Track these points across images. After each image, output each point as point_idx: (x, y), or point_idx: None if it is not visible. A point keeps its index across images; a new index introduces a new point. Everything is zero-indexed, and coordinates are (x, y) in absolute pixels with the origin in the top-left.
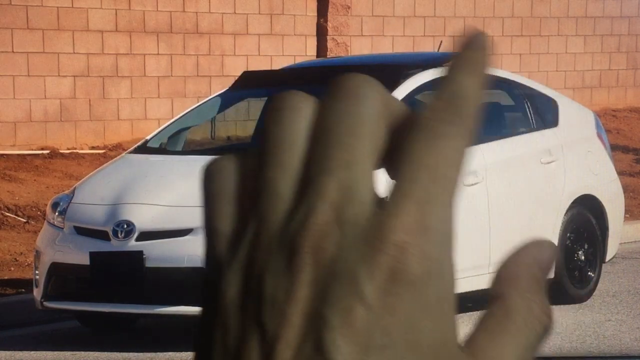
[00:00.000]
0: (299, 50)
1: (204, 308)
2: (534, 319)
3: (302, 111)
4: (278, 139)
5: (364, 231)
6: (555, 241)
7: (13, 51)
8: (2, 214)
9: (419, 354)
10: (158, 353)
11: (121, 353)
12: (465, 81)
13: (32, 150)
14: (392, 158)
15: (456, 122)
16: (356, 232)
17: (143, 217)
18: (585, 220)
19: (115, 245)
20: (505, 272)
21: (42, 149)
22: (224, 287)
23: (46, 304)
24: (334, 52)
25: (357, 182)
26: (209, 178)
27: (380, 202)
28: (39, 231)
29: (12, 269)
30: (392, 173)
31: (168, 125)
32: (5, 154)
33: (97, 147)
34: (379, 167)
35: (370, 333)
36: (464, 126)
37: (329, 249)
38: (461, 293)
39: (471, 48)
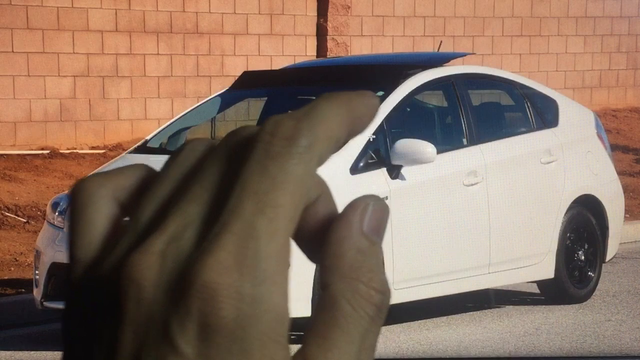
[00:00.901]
0: (299, 50)
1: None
2: (361, 301)
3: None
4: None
5: (181, 267)
6: (556, 241)
7: (13, 51)
8: (2, 214)
9: None
10: None
11: None
12: (325, 106)
13: (32, 150)
14: (308, 238)
15: (298, 142)
16: (174, 268)
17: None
18: (585, 220)
19: None
20: (327, 256)
21: (42, 149)
22: (72, 318)
23: (46, 304)
24: (334, 52)
25: (195, 217)
26: (75, 200)
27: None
28: (39, 231)
29: (12, 269)
30: (306, 252)
31: (168, 125)
32: (5, 154)
33: (97, 147)
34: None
35: None
36: (307, 148)
37: (148, 286)
38: (461, 293)
39: (353, 92)
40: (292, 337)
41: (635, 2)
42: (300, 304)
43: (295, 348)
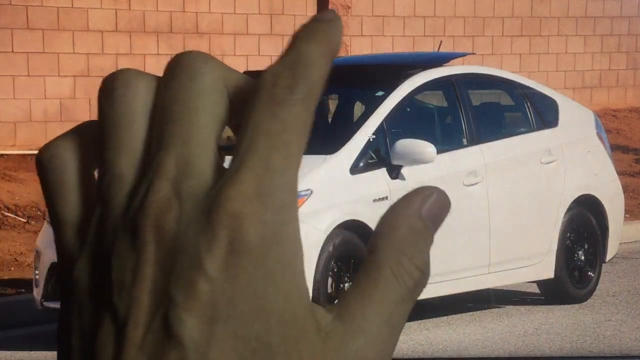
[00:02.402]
0: None
1: (62, 299)
2: (403, 272)
3: (137, 89)
4: (115, 120)
5: (201, 204)
6: (556, 241)
7: (13, 51)
8: (2, 214)
9: (264, 320)
10: None
11: None
12: (309, 49)
13: (32, 150)
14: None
15: (297, 90)
16: (195, 205)
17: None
18: (585, 220)
19: None
20: (383, 226)
21: None
22: (76, 275)
23: (46, 304)
24: None
25: (195, 156)
26: (43, 167)
27: (222, 174)
28: (39, 231)
29: (12, 269)
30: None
31: None
32: (5, 154)
33: None
34: (230, 140)
35: (215, 305)
36: (306, 93)
37: (170, 225)
38: (461, 293)
39: (319, 20)
40: None
41: (635, 2)
42: None
43: None
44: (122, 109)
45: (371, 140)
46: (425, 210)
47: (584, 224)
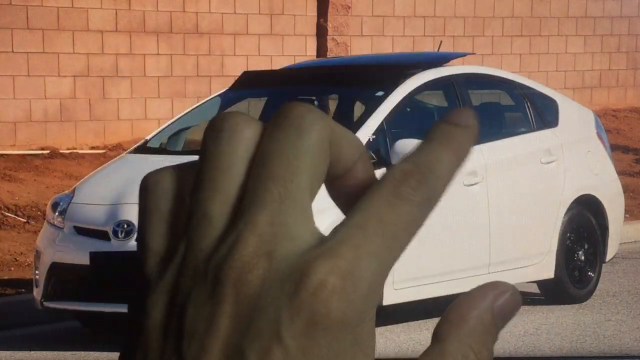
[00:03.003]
0: (299, 50)
1: (130, 320)
2: None
3: (243, 134)
4: (216, 161)
5: (291, 268)
6: (556, 241)
7: (13, 51)
8: (2, 214)
9: None
10: None
11: None
12: (443, 157)
13: (32, 150)
14: (347, 199)
15: (421, 193)
16: (284, 268)
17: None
18: (585, 220)
19: (115, 245)
20: (453, 314)
21: (42, 149)
22: (149, 307)
23: (46, 304)
24: (334, 52)
25: (290, 217)
26: (146, 191)
27: (318, 240)
28: (39, 231)
29: (12, 269)
30: (344, 211)
31: (168, 125)
32: (5, 154)
33: (97, 147)
34: (335, 203)
35: None
36: (427, 199)
37: (254, 283)
38: (461, 293)
39: (456, 123)
40: None
41: (635, 2)
42: None
43: None
44: (225, 151)
45: (371, 140)
46: (498, 306)
47: (584, 224)
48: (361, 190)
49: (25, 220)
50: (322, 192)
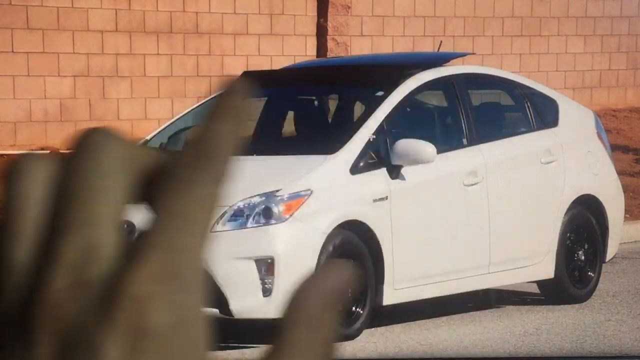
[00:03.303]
0: (299, 50)
1: None
2: (313, 352)
3: (34, 174)
4: (10, 207)
5: (106, 290)
6: (555, 241)
7: (13, 51)
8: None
9: None
10: None
11: None
12: (217, 128)
13: (32, 150)
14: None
15: (206, 170)
16: (98, 292)
17: (143, 217)
18: (585, 220)
19: None
20: (294, 301)
21: (42, 149)
22: None
23: None
24: (334, 52)
25: (99, 239)
26: (11, 182)
27: (129, 254)
28: None
29: None
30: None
31: (168, 125)
32: (5, 154)
33: None
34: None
35: None
36: (215, 172)
37: (68, 317)
38: (461, 293)
39: (225, 95)
40: None
41: (635, 2)
42: None
43: None
44: (18, 195)
45: (371, 140)
46: (335, 285)
47: (584, 224)
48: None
49: None
50: (323, 192)
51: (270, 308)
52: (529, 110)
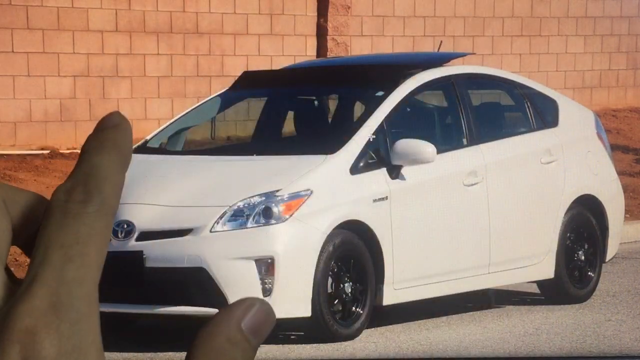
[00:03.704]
0: (299, 50)
1: None
2: None
3: None
4: None
5: None
6: (555, 241)
7: (13, 51)
8: None
9: None
10: (158, 353)
11: (121, 353)
12: (100, 161)
13: (32, 150)
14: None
15: (92, 203)
16: None
17: (143, 217)
18: (585, 220)
19: (115, 245)
20: (201, 337)
21: (42, 149)
22: None
23: None
24: (334, 52)
25: None
26: None
27: (12, 290)
28: None
29: (12, 269)
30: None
31: (168, 125)
32: (5, 154)
33: None
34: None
35: None
36: (100, 205)
37: None
38: (461, 293)
39: (104, 127)
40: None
41: (635, 2)
42: (300, 304)
43: (295, 347)
44: None
45: (371, 140)
46: (246, 321)
47: (584, 224)
48: (32, 221)
49: None
50: (323, 192)
51: None
52: (529, 110)
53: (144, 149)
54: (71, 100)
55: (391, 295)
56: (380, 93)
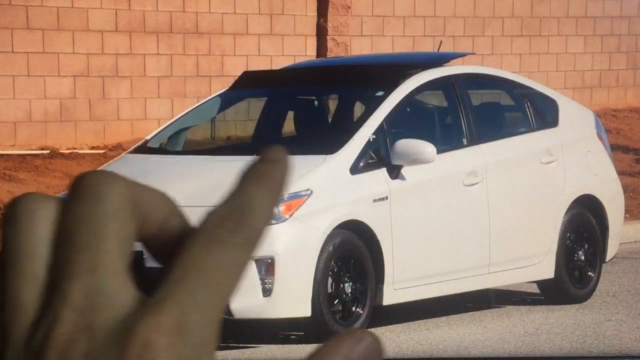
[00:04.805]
0: (299, 50)
1: None
2: None
3: (39, 214)
4: (16, 247)
5: (114, 335)
6: (555, 241)
7: (13, 51)
8: (2, 214)
9: None
10: None
11: None
12: (256, 194)
13: (32, 150)
14: (166, 254)
15: (240, 234)
16: (106, 337)
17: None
18: (585, 220)
19: None
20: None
21: (42, 149)
22: None
23: None
24: (334, 52)
25: (105, 284)
26: (17, 221)
27: (139, 301)
28: None
29: None
30: (164, 269)
31: (168, 125)
32: (5, 154)
33: (97, 147)
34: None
35: None
36: (247, 239)
37: (76, 359)
38: (461, 293)
39: (266, 161)
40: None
41: (635, 2)
42: (300, 304)
43: (295, 347)
44: (23, 235)
45: (371, 140)
46: (355, 354)
47: (584, 224)
48: (179, 243)
49: None
50: (323, 192)
51: (270, 308)
52: (529, 110)
53: (144, 149)
54: (71, 100)
55: (391, 295)
56: (380, 93)
